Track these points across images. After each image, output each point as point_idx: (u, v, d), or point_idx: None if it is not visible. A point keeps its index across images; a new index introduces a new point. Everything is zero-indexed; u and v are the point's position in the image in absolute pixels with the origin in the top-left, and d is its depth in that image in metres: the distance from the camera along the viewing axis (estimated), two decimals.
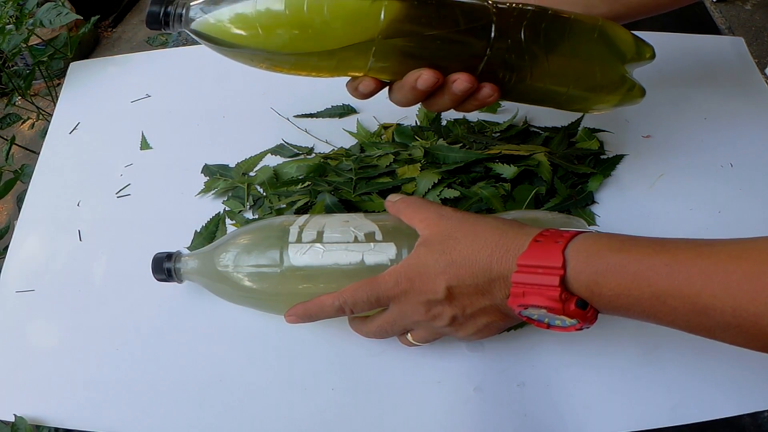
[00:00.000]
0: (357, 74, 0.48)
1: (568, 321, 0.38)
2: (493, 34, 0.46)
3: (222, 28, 0.44)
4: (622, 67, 0.51)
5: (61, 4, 0.83)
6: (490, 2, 0.47)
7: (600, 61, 0.50)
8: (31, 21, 0.83)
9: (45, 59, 0.99)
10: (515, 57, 0.47)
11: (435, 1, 0.45)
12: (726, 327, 0.34)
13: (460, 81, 0.46)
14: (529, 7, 0.47)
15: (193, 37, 0.46)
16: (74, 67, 0.80)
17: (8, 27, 0.83)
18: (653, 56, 0.52)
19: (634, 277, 0.36)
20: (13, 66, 1.01)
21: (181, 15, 0.45)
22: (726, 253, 0.34)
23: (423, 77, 0.46)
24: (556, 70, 0.49)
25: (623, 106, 0.53)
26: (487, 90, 0.47)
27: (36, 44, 0.96)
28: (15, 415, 0.50)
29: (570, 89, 0.50)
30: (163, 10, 0.45)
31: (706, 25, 0.77)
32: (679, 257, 0.35)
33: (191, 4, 0.45)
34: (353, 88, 0.48)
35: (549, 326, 0.39)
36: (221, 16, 0.44)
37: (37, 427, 0.50)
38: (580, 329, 0.39)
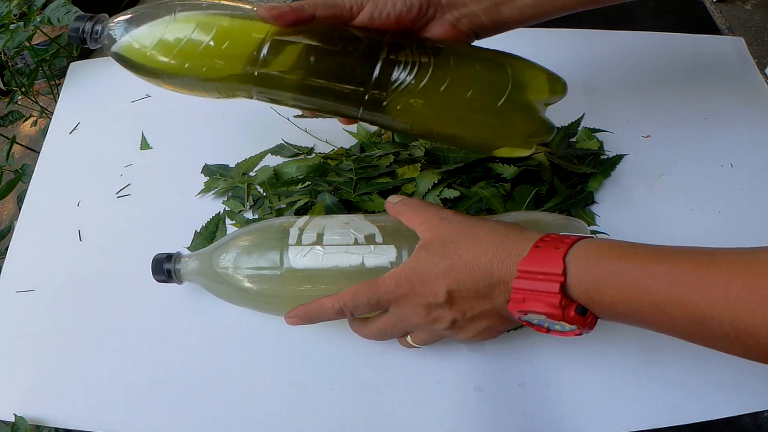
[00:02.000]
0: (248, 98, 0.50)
1: (568, 326, 0.38)
2: (371, 88, 0.46)
3: (131, 49, 0.48)
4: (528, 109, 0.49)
5: (69, 2, 0.83)
6: (386, 41, 0.46)
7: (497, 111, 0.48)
8: (38, 19, 0.83)
9: (48, 58, 0.98)
10: (390, 107, 0.47)
11: (316, 47, 0.46)
12: (724, 337, 0.34)
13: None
14: (423, 60, 0.46)
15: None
16: (74, 67, 0.80)
17: (12, 26, 0.83)
18: (564, 92, 0.50)
19: (633, 286, 0.36)
20: (13, 65, 1.00)
21: (98, 32, 0.49)
22: (726, 263, 0.34)
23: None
24: (442, 121, 0.49)
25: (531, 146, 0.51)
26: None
27: (37, 44, 0.96)
28: (15, 415, 0.50)
29: (464, 138, 0.51)
30: (82, 27, 0.49)
31: (706, 25, 0.77)
32: (679, 266, 0.35)
33: (110, 23, 0.49)
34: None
35: (549, 331, 0.40)
36: (126, 38, 0.48)
37: (37, 427, 0.51)
38: (580, 334, 0.39)
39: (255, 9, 0.47)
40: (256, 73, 0.46)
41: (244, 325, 0.54)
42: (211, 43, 0.45)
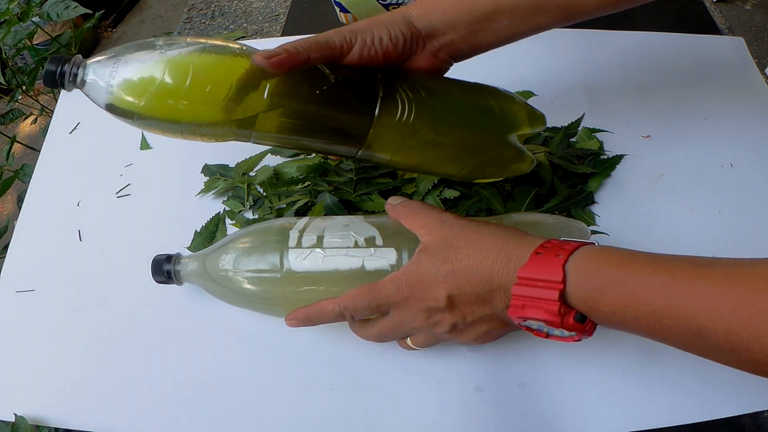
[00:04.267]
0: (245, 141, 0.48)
1: (567, 333, 0.39)
2: (368, 139, 0.47)
3: (111, 93, 0.43)
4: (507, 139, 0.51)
5: None
6: (379, 81, 0.47)
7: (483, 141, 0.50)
8: (36, 17, 0.83)
9: (49, 56, 0.99)
10: (383, 145, 0.48)
11: (316, 90, 0.46)
12: (719, 349, 0.34)
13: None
14: (417, 98, 0.47)
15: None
16: None
17: (15, 28, 0.83)
18: (543, 125, 0.53)
19: (631, 295, 0.36)
20: (14, 65, 1.01)
21: (76, 76, 0.44)
22: (724, 276, 0.34)
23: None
24: (437, 157, 0.50)
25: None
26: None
27: (38, 43, 0.96)
28: (15, 415, 0.50)
29: (455, 170, 0.52)
30: (59, 69, 0.43)
31: (706, 25, 0.77)
32: (677, 277, 0.36)
33: (89, 67, 0.44)
34: None
35: (548, 336, 0.40)
36: (109, 79, 0.43)
37: (37, 427, 0.51)
38: (579, 340, 0.39)
39: (244, 48, 0.45)
40: (255, 118, 0.45)
41: (244, 325, 0.54)
42: (208, 88, 0.43)
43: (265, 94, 0.44)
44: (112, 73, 0.43)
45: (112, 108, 0.44)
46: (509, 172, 0.54)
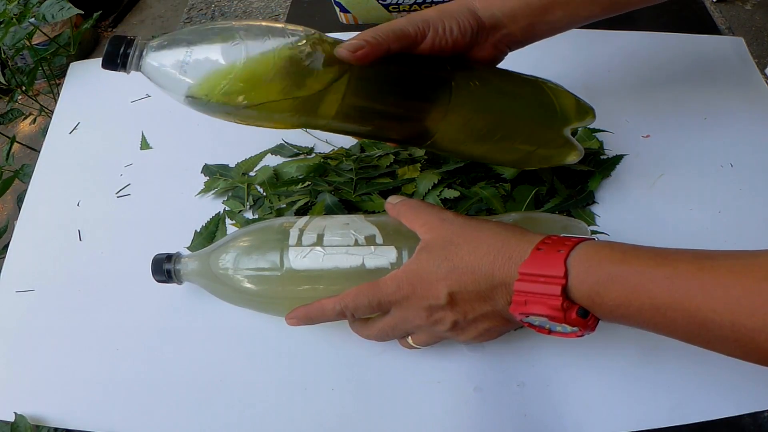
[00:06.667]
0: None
1: (569, 328, 0.39)
2: (438, 130, 0.48)
3: (183, 82, 0.42)
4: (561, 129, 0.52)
5: None
6: (450, 71, 0.48)
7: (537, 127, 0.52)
8: (33, 18, 0.84)
9: (48, 57, 0.99)
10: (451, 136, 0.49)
11: (397, 80, 0.47)
12: (724, 340, 0.34)
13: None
14: (483, 89, 0.49)
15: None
16: (74, 67, 0.80)
17: (14, 29, 0.83)
18: (593, 118, 0.54)
19: (634, 289, 0.36)
20: (13, 65, 1.00)
21: (139, 59, 0.43)
22: (727, 267, 0.34)
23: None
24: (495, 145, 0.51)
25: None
26: None
27: (37, 44, 0.96)
28: (15, 414, 0.50)
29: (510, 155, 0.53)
30: (121, 50, 0.42)
31: (706, 25, 0.77)
32: (679, 270, 0.36)
33: (150, 44, 0.43)
34: None
35: (550, 332, 0.40)
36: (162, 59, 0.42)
37: (37, 427, 0.51)
38: (581, 336, 0.39)
39: (318, 36, 0.45)
40: (336, 109, 0.45)
41: (244, 325, 0.54)
42: (285, 81, 0.43)
43: (345, 86, 0.45)
44: (182, 60, 0.41)
45: (183, 97, 0.43)
46: (556, 162, 0.55)
